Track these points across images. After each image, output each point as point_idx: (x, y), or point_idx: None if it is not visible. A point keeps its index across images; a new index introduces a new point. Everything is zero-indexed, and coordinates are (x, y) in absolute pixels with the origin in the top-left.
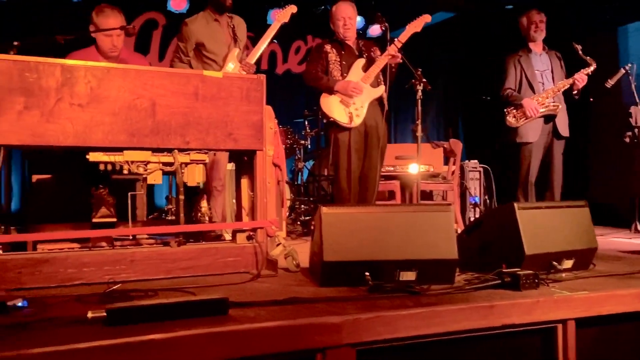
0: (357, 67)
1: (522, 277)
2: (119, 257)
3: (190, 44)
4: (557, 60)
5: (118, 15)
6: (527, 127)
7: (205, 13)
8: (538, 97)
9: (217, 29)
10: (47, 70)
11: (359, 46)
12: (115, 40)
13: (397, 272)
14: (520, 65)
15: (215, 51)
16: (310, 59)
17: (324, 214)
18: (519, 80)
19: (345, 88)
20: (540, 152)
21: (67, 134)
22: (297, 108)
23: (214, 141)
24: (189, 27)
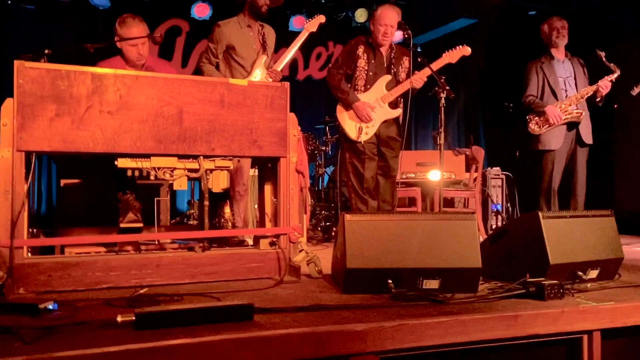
0: (381, 84)
1: (546, 287)
2: (145, 262)
3: (221, 46)
4: (579, 67)
5: (140, 24)
6: (550, 134)
7: (238, 18)
8: (561, 104)
9: (249, 35)
10: (79, 78)
11: (391, 55)
12: (141, 49)
13: (420, 280)
14: (543, 72)
15: (245, 56)
16: (340, 59)
17: (348, 222)
18: (541, 87)
19: (360, 111)
20: (564, 159)
21: (96, 141)
22: (318, 114)
23: (238, 148)
24: (221, 29)
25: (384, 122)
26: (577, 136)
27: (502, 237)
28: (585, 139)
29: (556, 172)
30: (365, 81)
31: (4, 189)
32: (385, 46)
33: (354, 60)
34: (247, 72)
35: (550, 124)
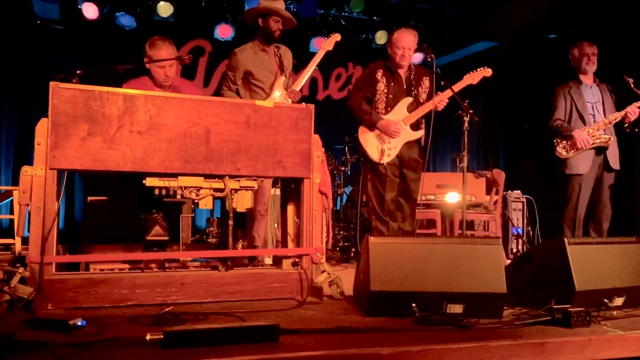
0: (403, 106)
1: (573, 314)
2: (170, 280)
3: (238, 73)
4: (607, 93)
5: (169, 46)
6: (578, 159)
7: (253, 43)
8: (589, 129)
9: (265, 58)
10: (111, 99)
11: (410, 77)
12: (168, 71)
13: (444, 304)
14: (571, 97)
15: (263, 79)
16: (359, 83)
17: (372, 244)
18: (569, 112)
19: (387, 127)
20: (591, 184)
21: (126, 160)
22: (337, 134)
23: (263, 168)
24: (237, 57)
25: (405, 143)
26: (604, 161)
27: (526, 262)
28: (613, 164)
29: (582, 197)
30: (385, 104)
31: (36, 205)
32: (404, 68)
33: (372, 84)
34: (266, 94)
35: (578, 148)
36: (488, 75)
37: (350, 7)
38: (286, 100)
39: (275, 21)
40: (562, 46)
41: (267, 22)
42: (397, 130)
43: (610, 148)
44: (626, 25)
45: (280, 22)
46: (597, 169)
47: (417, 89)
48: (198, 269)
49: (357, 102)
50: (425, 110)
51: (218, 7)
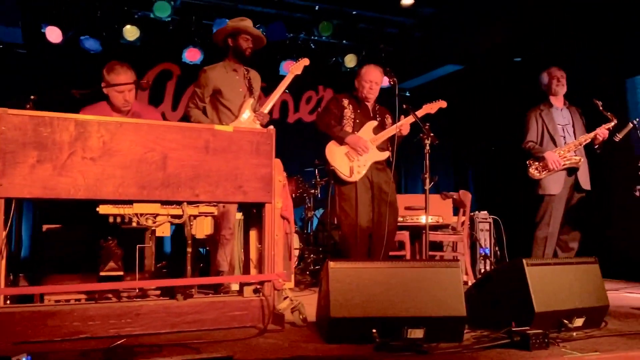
0: (369, 128)
1: (531, 337)
2: (124, 311)
3: (207, 90)
4: (577, 115)
5: (128, 71)
6: (550, 179)
7: (224, 63)
8: (560, 150)
9: (235, 79)
10: (62, 125)
11: (375, 109)
12: (127, 96)
13: (404, 329)
14: (542, 119)
15: (232, 99)
16: (326, 108)
17: (332, 269)
18: (541, 134)
19: (356, 143)
20: (562, 204)
21: (78, 187)
22: (308, 157)
23: (223, 194)
24: (207, 74)
25: (376, 168)
26: (575, 182)
27: (487, 284)
28: (584, 185)
29: (555, 217)
30: (352, 129)
31: None
32: (370, 101)
33: (340, 109)
34: (234, 116)
35: (550, 169)
36: (443, 106)
37: (319, 31)
38: (254, 122)
39: (245, 40)
40: (527, 69)
41: (237, 41)
42: (366, 146)
43: (581, 169)
44: (591, 46)
45: (250, 41)
46: (568, 190)
47: (382, 118)
48: (155, 299)
49: (324, 121)
50: (390, 133)
51: (186, 30)
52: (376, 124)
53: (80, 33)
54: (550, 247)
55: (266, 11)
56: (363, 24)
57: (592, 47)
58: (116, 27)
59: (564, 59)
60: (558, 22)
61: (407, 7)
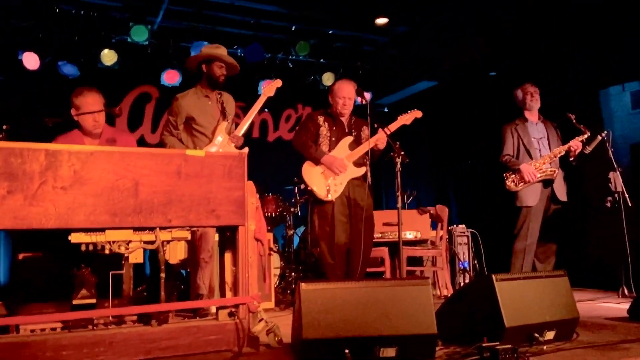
0: (344, 144)
1: (501, 352)
2: (98, 339)
3: (180, 118)
4: (552, 129)
5: (96, 94)
6: (527, 192)
7: (196, 89)
8: (535, 163)
9: (207, 104)
10: (32, 155)
11: (350, 123)
12: (97, 117)
13: (377, 349)
14: (517, 133)
15: (205, 124)
16: (302, 127)
17: (303, 291)
18: (517, 147)
19: (331, 164)
20: (540, 216)
21: (49, 217)
22: (288, 175)
23: (196, 218)
24: (179, 102)
25: (353, 183)
26: (552, 194)
27: (459, 300)
28: (560, 196)
29: (532, 229)
30: (328, 147)
31: None
32: (345, 116)
33: (315, 127)
34: (208, 140)
35: (526, 181)
36: (418, 116)
37: (296, 50)
38: (229, 145)
39: (219, 67)
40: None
41: (211, 68)
42: (343, 166)
43: (557, 181)
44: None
45: (224, 68)
46: (545, 201)
47: (358, 131)
48: (130, 325)
49: (301, 140)
50: (365, 149)
51: (164, 53)
52: (352, 139)
53: (58, 59)
54: (529, 259)
55: (244, 32)
56: (339, 42)
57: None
58: (94, 52)
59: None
60: (531, 37)
61: (381, 26)
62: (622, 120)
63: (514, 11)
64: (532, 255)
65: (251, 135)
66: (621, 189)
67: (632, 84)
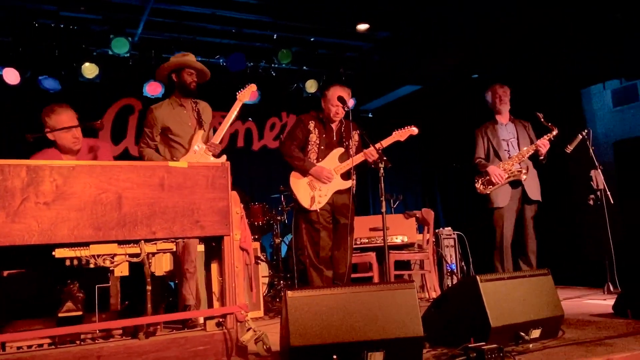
0: (334, 157)
1: (487, 352)
2: (85, 354)
3: (156, 129)
4: (522, 129)
5: (69, 110)
6: (497, 193)
7: (170, 100)
8: (504, 165)
9: (182, 113)
10: (13, 171)
11: (341, 130)
12: (76, 132)
13: (365, 353)
14: (487, 136)
15: (181, 134)
16: (290, 134)
17: (290, 298)
18: (487, 150)
19: (319, 174)
20: (512, 216)
21: (32, 233)
22: (274, 183)
23: (180, 229)
24: (154, 114)
25: (337, 191)
26: (523, 194)
27: (445, 302)
28: (532, 196)
29: (506, 229)
30: (317, 154)
31: None
32: (335, 122)
33: (305, 133)
34: (185, 149)
35: (494, 183)
36: (414, 133)
37: (278, 59)
38: (206, 154)
39: (189, 74)
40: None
41: (181, 75)
42: (330, 176)
43: (528, 181)
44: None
45: (194, 75)
46: (517, 202)
47: (348, 141)
48: (117, 339)
49: (290, 149)
50: (355, 162)
51: (145, 64)
52: (342, 151)
53: (38, 73)
54: (508, 258)
55: (225, 42)
56: (322, 49)
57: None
58: (74, 65)
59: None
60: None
61: (363, 32)
62: (603, 118)
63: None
64: (509, 254)
65: (236, 145)
66: (603, 186)
67: (612, 82)
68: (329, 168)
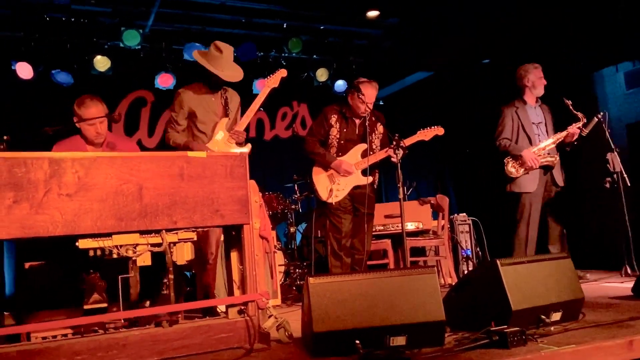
0: (356, 152)
1: (509, 335)
2: (111, 342)
3: (182, 113)
4: (548, 114)
5: (99, 104)
6: (526, 177)
7: (199, 84)
8: (536, 149)
9: (210, 100)
10: (36, 164)
11: (364, 123)
12: (99, 128)
13: (387, 338)
14: (518, 116)
15: (206, 121)
16: (313, 127)
17: (312, 285)
18: (516, 131)
19: (339, 167)
20: (539, 201)
21: (56, 224)
22: (287, 173)
23: (201, 219)
24: (182, 96)
25: (355, 186)
26: (551, 179)
27: (465, 286)
28: (558, 182)
29: (533, 215)
30: (337, 149)
31: None
32: (359, 118)
33: (326, 129)
34: (208, 138)
35: (527, 167)
36: (440, 134)
37: (288, 48)
38: (229, 142)
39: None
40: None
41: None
42: (350, 170)
43: (556, 166)
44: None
45: None
46: (544, 188)
47: (371, 134)
48: (141, 328)
49: (311, 146)
50: (377, 158)
51: (157, 56)
52: (365, 147)
53: (51, 67)
54: (531, 244)
55: (235, 32)
56: (332, 37)
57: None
58: (86, 58)
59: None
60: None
61: (372, 19)
62: (616, 101)
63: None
64: (535, 240)
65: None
66: (619, 169)
67: (625, 65)
68: (349, 162)
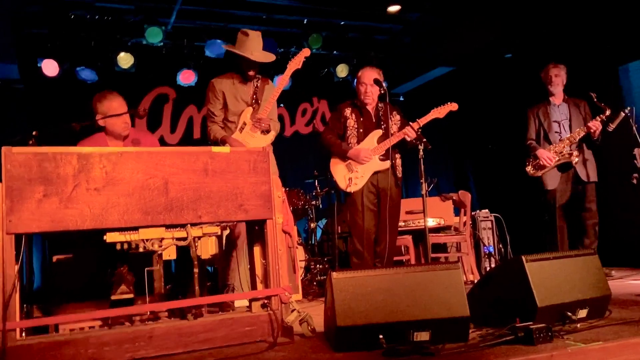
0: (373, 138)
1: (535, 331)
2: (137, 334)
3: (219, 102)
4: (576, 109)
5: (120, 97)
6: (548, 176)
7: (232, 74)
8: (555, 147)
9: (242, 89)
10: (65, 159)
11: (378, 112)
12: (126, 118)
13: (410, 333)
14: (539, 118)
15: (236, 111)
16: (329, 123)
17: (335, 280)
18: (538, 132)
19: (357, 155)
20: (564, 198)
21: (84, 218)
22: (307, 169)
23: (225, 213)
24: (215, 87)
25: (380, 173)
26: (575, 176)
27: (489, 282)
28: (583, 177)
29: (558, 210)
30: (357, 138)
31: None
32: (371, 104)
33: (342, 122)
34: (236, 129)
35: (543, 166)
36: (454, 109)
37: (309, 43)
38: (252, 132)
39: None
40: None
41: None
42: (368, 156)
43: (580, 162)
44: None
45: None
46: (569, 184)
47: (387, 122)
48: (167, 320)
49: (328, 139)
50: (393, 141)
51: (179, 53)
52: (381, 132)
53: (76, 64)
54: (563, 241)
55: (255, 28)
56: (352, 33)
57: (583, 37)
58: (110, 55)
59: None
60: (547, 15)
61: (393, 13)
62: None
63: None
64: (564, 235)
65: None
66: None
67: None
68: (367, 148)
